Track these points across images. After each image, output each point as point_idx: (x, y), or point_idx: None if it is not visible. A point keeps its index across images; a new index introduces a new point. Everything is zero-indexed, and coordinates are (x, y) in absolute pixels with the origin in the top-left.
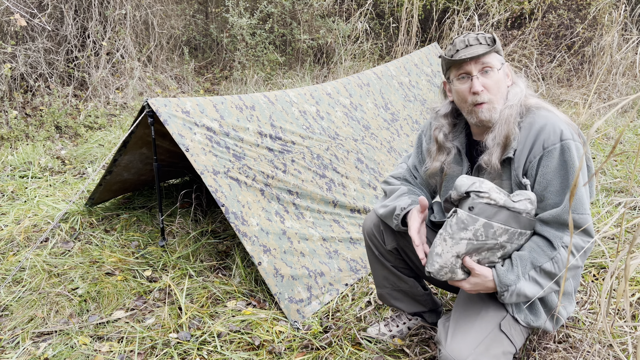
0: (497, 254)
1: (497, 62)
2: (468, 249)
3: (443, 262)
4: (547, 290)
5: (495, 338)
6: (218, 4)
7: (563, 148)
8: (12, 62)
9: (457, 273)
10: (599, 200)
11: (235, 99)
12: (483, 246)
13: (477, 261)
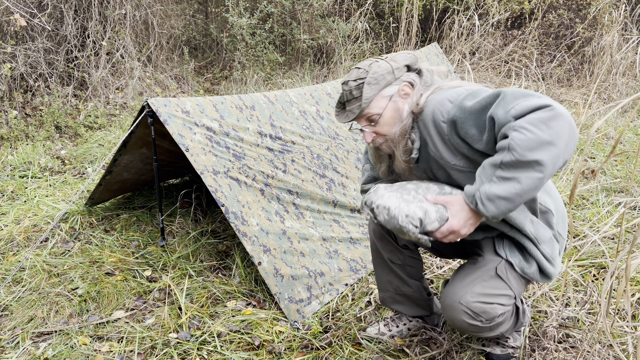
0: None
1: (382, 104)
2: (397, 190)
3: (395, 205)
4: (524, 180)
5: (491, 281)
6: (218, 3)
7: (457, 105)
8: (12, 62)
9: (412, 231)
10: (599, 200)
11: (235, 99)
12: (404, 187)
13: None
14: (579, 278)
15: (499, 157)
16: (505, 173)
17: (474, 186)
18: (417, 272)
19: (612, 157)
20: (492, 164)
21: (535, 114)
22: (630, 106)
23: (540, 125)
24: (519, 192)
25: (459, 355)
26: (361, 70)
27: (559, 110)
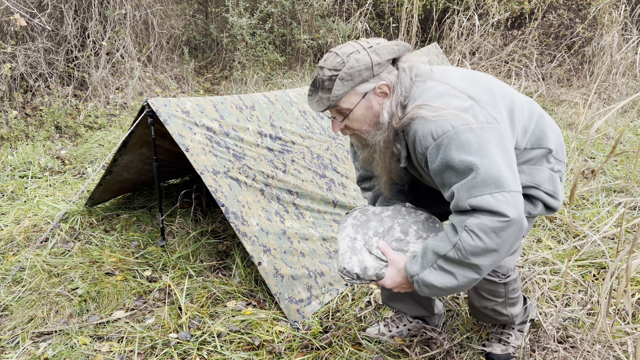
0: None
1: (354, 101)
2: (355, 229)
3: (344, 249)
4: (460, 278)
5: None
6: (218, 4)
7: (437, 146)
8: (12, 62)
9: (363, 255)
10: (599, 200)
11: (235, 99)
12: (368, 224)
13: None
14: (579, 278)
15: (444, 248)
16: (445, 265)
17: (414, 266)
18: None
19: (612, 157)
20: (436, 252)
21: (490, 220)
22: (630, 106)
23: (490, 234)
24: (453, 287)
25: (458, 355)
26: (338, 60)
27: (514, 220)
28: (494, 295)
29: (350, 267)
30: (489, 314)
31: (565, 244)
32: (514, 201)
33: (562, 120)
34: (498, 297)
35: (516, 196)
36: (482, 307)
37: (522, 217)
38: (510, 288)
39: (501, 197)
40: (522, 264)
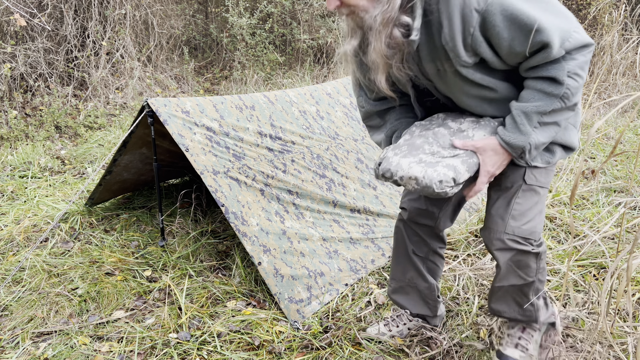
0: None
1: None
2: (409, 150)
3: (418, 172)
4: (563, 122)
5: (524, 196)
6: (218, 3)
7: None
8: (12, 62)
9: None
10: (599, 200)
11: (235, 99)
12: (414, 148)
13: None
14: (579, 278)
15: (549, 104)
16: (549, 118)
17: (519, 137)
18: (436, 270)
19: (612, 157)
20: (540, 111)
21: (584, 55)
22: (630, 106)
23: (585, 68)
24: (554, 133)
25: (458, 355)
26: None
27: (592, 42)
28: (524, 269)
29: (444, 175)
30: (514, 299)
31: (565, 244)
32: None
33: None
34: (529, 272)
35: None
36: (509, 287)
37: None
38: (541, 265)
39: (581, 29)
40: None
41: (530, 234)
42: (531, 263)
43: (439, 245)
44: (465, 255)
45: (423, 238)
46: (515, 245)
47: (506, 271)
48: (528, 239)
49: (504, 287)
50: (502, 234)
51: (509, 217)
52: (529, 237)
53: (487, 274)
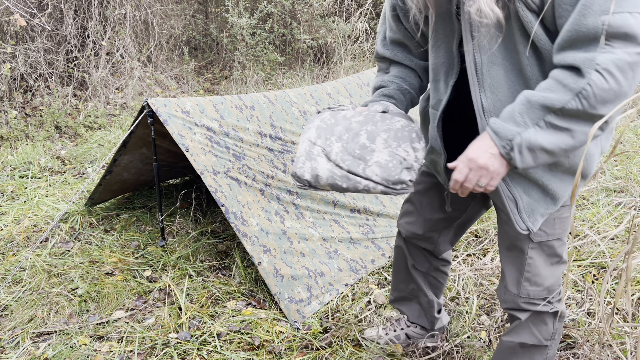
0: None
1: None
2: (318, 133)
3: (300, 152)
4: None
5: (537, 253)
6: (218, 4)
7: None
8: (12, 62)
9: (318, 161)
10: (599, 201)
11: (235, 99)
12: (333, 128)
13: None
14: (579, 278)
15: (561, 99)
16: (558, 121)
17: (511, 126)
18: (438, 286)
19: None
20: (547, 106)
21: (628, 53)
22: (630, 106)
23: (627, 73)
24: (567, 148)
25: (459, 355)
26: None
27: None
28: (539, 326)
29: (301, 173)
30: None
31: None
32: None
33: None
34: (544, 332)
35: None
36: (519, 347)
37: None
38: (559, 329)
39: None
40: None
41: (548, 293)
42: (548, 322)
43: (442, 264)
44: (465, 255)
45: (425, 255)
46: (531, 307)
47: (520, 325)
48: (545, 298)
49: (513, 346)
50: (517, 297)
51: (524, 280)
52: (546, 296)
53: (487, 274)
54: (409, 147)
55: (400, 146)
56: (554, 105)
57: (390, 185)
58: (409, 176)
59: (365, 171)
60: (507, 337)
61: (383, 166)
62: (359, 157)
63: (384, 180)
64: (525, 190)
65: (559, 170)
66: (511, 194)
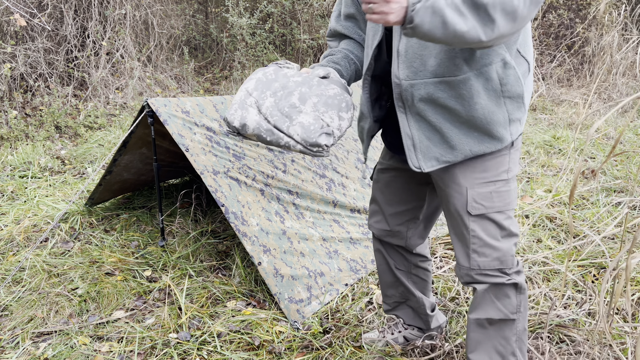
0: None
1: None
2: (256, 85)
3: (236, 100)
4: (471, 28)
5: (480, 226)
6: (218, 3)
7: None
8: (12, 62)
9: (249, 111)
10: (599, 201)
11: None
12: (271, 84)
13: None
14: (579, 278)
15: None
16: (462, 5)
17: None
18: (423, 284)
19: (612, 157)
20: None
21: None
22: (630, 106)
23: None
24: (457, 33)
25: (459, 356)
26: None
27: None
28: (503, 299)
29: (231, 119)
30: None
31: (565, 244)
32: None
33: (562, 120)
34: (508, 306)
35: None
36: (487, 324)
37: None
38: (523, 302)
39: None
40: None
41: (500, 263)
42: (510, 294)
43: (420, 259)
44: None
45: (401, 253)
46: (486, 279)
47: (482, 298)
48: (500, 269)
49: (481, 323)
50: (469, 269)
51: (471, 252)
52: (499, 267)
53: None
54: (335, 115)
55: (327, 112)
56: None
57: (308, 146)
58: (326, 141)
59: (289, 129)
60: (473, 314)
61: (305, 127)
62: (287, 115)
63: (303, 140)
64: (424, 132)
65: (457, 120)
66: (410, 132)
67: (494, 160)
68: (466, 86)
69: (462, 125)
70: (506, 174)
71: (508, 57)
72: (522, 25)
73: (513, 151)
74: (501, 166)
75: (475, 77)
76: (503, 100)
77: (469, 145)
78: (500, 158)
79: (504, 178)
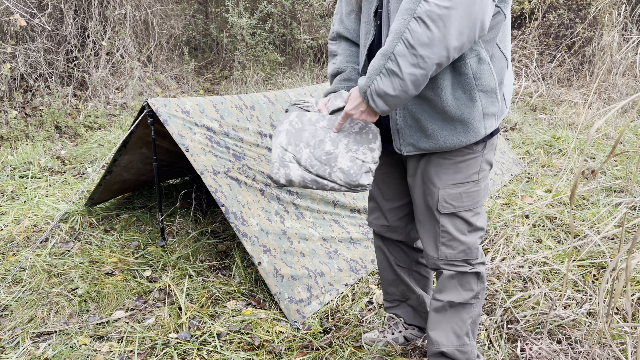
0: (326, 142)
1: None
2: (288, 139)
3: (275, 158)
4: (407, 77)
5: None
6: (218, 4)
7: None
8: (12, 62)
9: (290, 167)
10: (599, 201)
11: (235, 99)
12: (301, 134)
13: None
14: (579, 278)
15: (390, 44)
16: (394, 65)
17: (362, 80)
18: (424, 281)
19: (612, 157)
20: (383, 53)
21: (439, 4)
22: (630, 106)
23: (437, 22)
24: (406, 90)
25: None
26: None
27: (452, 11)
28: (466, 285)
29: (277, 178)
30: (452, 328)
31: (565, 244)
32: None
33: (562, 120)
34: (469, 295)
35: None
36: (449, 306)
37: (464, 18)
38: (482, 291)
39: None
40: (522, 263)
41: (465, 255)
42: (472, 282)
43: (421, 255)
44: None
45: (402, 249)
46: (452, 268)
47: (447, 282)
48: (465, 260)
49: (443, 305)
50: (437, 260)
51: (440, 244)
52: (464, 258)
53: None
54: (367, 149)
55: (359, 149)
56: (387, 51)
57: (352, 187)
58: (368, 180)
59: (331, 175)
60: (438, 295)
61: (346, 172)
62: (325, 163)
63: (346, 184)
64: (405, 119)
65: (433, 110)
66: (395, 118)
67: (466, 163)
68: (441, 79)
69: (438, 116)
70: (477, 175)
71: (483, 53)
72: (463, 40)
73: (486, 152)
74: (472, 168)
75: (450, 71)
76: (477, 94)
77: (442, 137)
78: (472, 160)
79: (474, 179)
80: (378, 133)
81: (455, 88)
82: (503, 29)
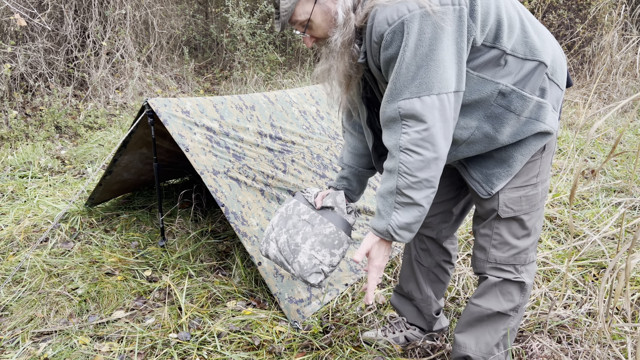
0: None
1: (307, 10)
2: (278, 221)
3: (265, 233)
4: (422, 202)
5: (506, 225)
6: (218, 4)
7: (393, 32)
8: (12, 62)
9: (270, 245)
10: (599, 201)
11: (235, 99)
12: (287, 220)
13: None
14: (579, 278)
15: (392, 180)
16: (404, 198)
17: (380, 222)
18: (439, 285)
19: (612, 157)
20: (387, 191)
21: (419, 132)
22: (630, 106)
23: (423, 145)
24: (423, 214)
25: None
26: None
27: (430, 126)
28: (507, 295)
29: (261, 249)
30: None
31: (565, 244)
32: (442, 105)
33: (562, 120)
34: (510, 302)
35: (451, 97)
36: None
37: (437, 122)
38: (524, 301)
39: (419, 100)
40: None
41: (515, 260)
42: (514, 293)
43: (444, 259)
44: (465, 255)
45: (428, 248)
46: (498, 274)
47: (489, 288)
48: (513, 265)
49: (480, 311)
50: (485, 262)
51: (491, 247)
52: (513, 262)
53: None
54: (328, 252)
55: (321, 251)
56: (392, 188)
57: (303, 281)
58: (315, 280)
59: (292, 264)
60: (476, 300)
61: (301, 266)
62: (292, 252)
63: (299, 276)
64: (478, 166)
65: (502, 152)
66: (468, 173)
67: (526, 167)
68: (482, 134)
69: (502, 148)
70: (536, 179)
71: (502, 87)
72: (450, 138)
73: (545, 155)
74: (532, 172)
75: (485, 122)
76: (522, 118)
77: (517, 157)
78: (532, 164)
79: (533, 183)
80: (346, 242)
81: (498, 130)
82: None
